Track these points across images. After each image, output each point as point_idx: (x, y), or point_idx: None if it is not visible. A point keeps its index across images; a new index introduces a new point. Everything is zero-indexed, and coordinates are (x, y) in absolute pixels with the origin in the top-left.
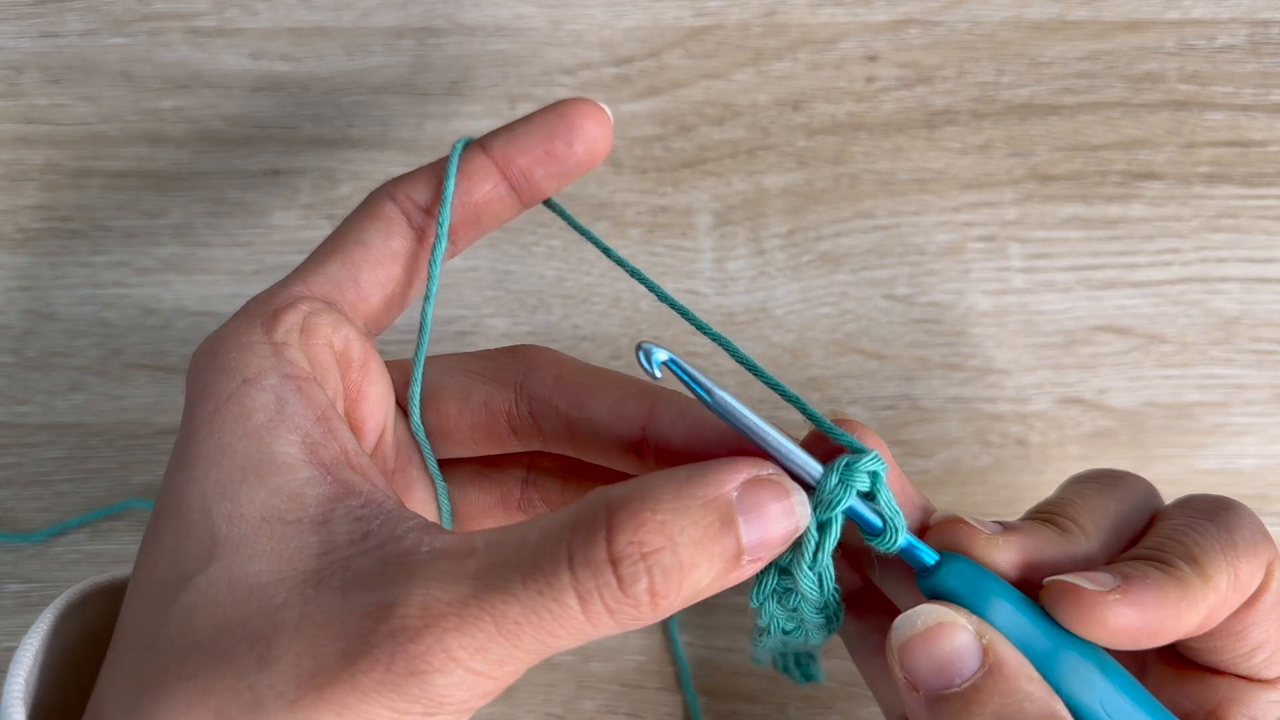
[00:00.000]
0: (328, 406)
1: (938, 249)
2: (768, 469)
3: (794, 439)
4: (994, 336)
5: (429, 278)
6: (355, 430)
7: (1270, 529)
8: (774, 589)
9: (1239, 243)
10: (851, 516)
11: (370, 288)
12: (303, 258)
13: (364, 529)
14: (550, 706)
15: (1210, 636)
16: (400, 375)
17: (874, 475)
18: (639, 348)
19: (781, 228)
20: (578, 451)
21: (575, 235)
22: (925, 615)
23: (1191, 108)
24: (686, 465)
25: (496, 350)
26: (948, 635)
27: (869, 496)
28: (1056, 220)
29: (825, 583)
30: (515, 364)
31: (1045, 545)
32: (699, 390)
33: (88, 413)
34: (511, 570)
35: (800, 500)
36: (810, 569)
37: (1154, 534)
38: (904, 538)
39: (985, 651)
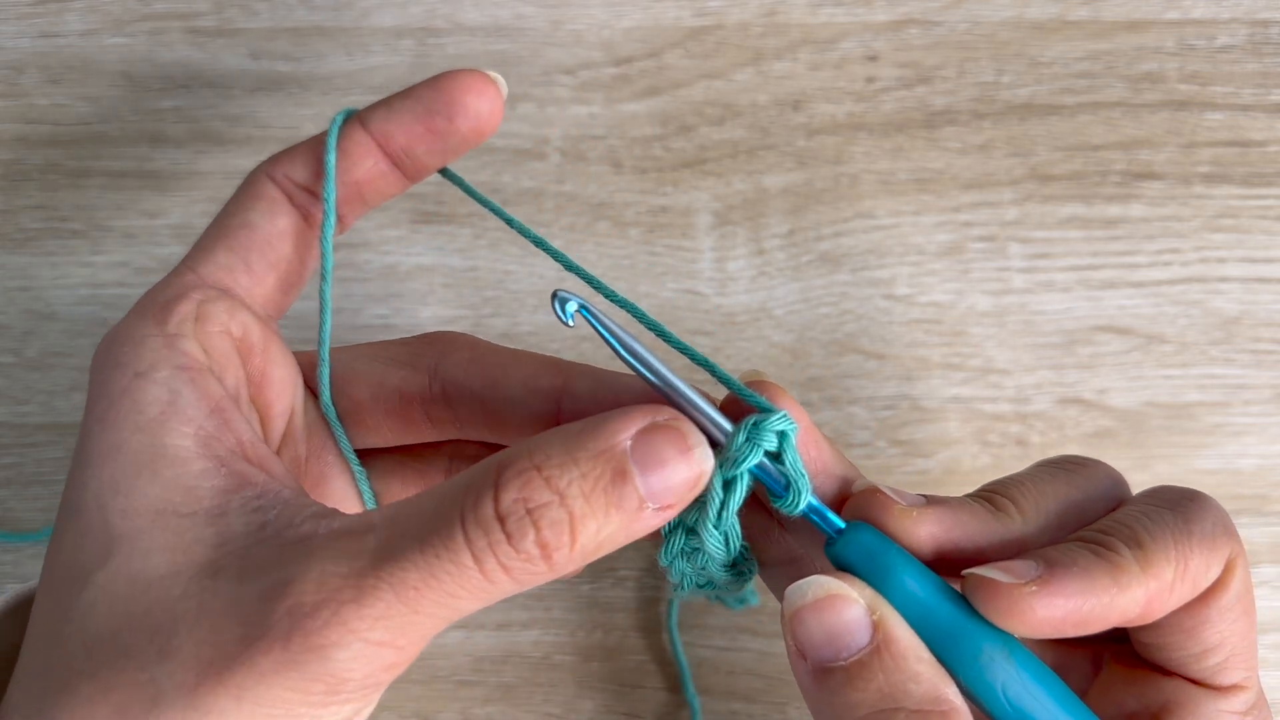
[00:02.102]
0: (223, 397)
1: (938, 249)
2: (664, 415)
3: (708, 396)
4: (994, 336)
5: (321, 255)
6: (262, 414)
7: (1270, 529)
8: (682, 548)
9: (1239, 243)
10: (757, 476)
11: (262, 270)
12: None
13: (261, 519)
14: (550, 706)
15: (1160, 631)
16: (309, 361)
17: (782, 435)
18: (554, 295)
19: (781, 228)
20: (495, 434)
21: (575, 236)
22: (816, 586)
23: (1191, 108)
24: (584, 419)
25: (411, 337)
26: (837, 608)
27: (777, 458)
28: (1056, 220)
29: (731, 542)
30: (429, 349)
31: (970, 522)
32: (610, 339)
33: None
34: (409, 539)
35: (700, 444)
36: (715, 528)
37: (1106, 519)
38: (806, 501)
39: (875, 627)
